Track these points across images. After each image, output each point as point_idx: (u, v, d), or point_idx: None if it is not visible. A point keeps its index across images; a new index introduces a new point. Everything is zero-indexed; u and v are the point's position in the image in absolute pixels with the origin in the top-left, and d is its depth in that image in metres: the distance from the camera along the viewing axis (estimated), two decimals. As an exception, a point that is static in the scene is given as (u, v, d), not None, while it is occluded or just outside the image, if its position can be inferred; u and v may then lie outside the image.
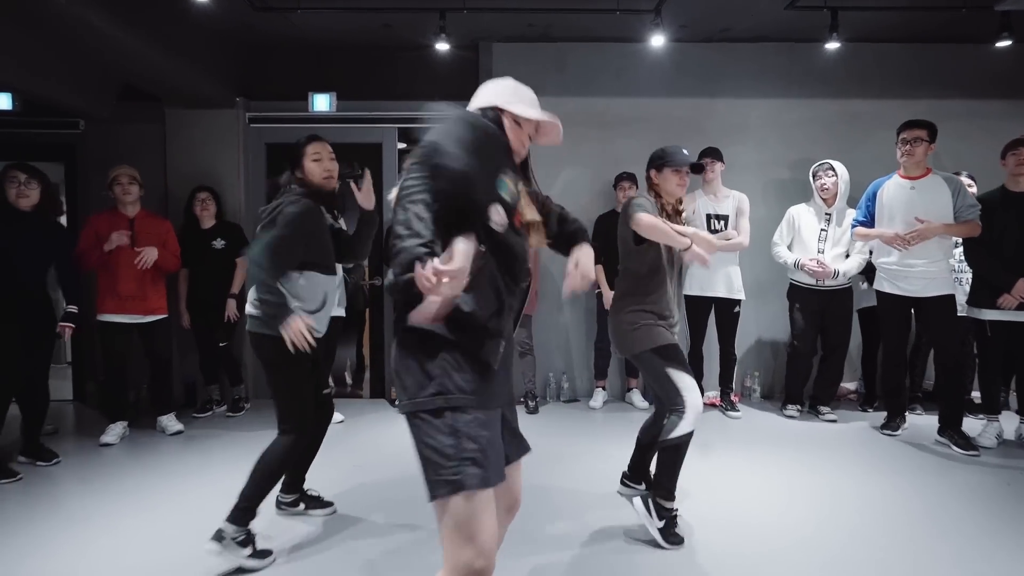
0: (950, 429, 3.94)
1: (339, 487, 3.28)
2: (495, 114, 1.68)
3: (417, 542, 2.70)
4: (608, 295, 4.90)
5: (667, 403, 2.68)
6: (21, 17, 3.60)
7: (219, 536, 2.42)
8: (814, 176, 4.57)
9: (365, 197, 2.85)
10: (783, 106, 5.35)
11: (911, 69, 5.30)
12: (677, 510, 2.71)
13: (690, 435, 2.63)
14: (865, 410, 4.84)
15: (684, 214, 2.94)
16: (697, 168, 2.91)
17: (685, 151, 2.86)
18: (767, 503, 3.11)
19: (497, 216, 1.55)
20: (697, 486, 3.20)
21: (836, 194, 4.51)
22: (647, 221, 2.64)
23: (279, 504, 2.99)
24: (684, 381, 2.65)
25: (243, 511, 2.48)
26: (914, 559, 2.55)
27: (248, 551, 2.46)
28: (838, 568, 2.48)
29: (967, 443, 3.83)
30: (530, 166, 1.81)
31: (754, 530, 2.81)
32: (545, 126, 1.75)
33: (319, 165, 2.72)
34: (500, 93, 1.71)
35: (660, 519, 2.67)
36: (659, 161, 2.85)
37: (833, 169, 4.52)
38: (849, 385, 5.20)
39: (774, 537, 2.74)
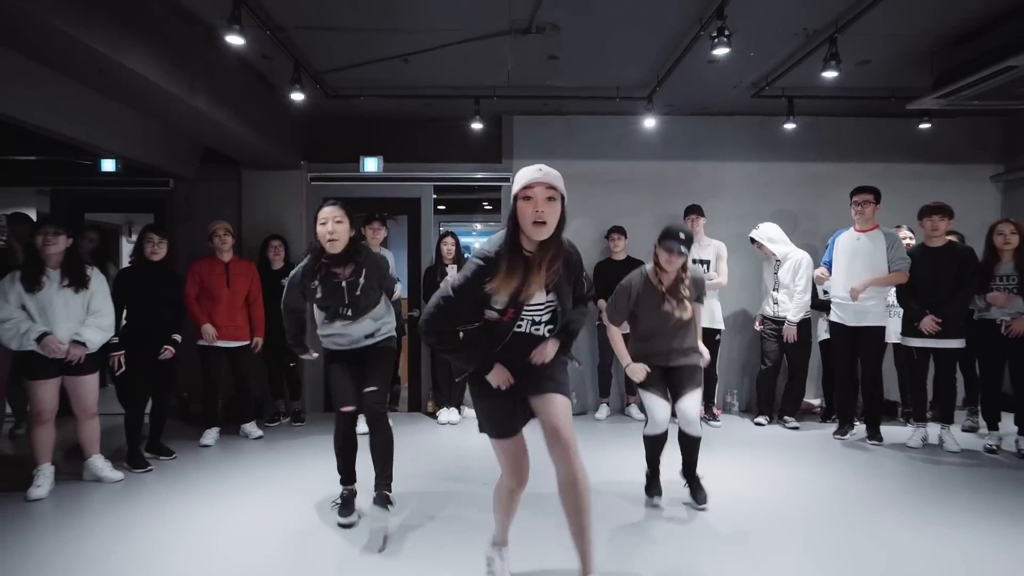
0: (870, 427, 5.06)
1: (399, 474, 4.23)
2: (515, 202, 2.24)
3: (464, 507, 3.65)
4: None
5: None
6: (146, 105, 4.49)
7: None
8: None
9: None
10: (756, 168, 6.41)
11: (862, 139, 6.38)
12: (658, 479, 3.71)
13: (657, 435, 3.58)
14: (824, 422, 5.80)
15: (686, 283, 3.54)
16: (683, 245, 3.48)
17: (682, 234, 3.43)
18: (741, 485, 4.03)
19: (490, 314, 2.33)
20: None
21: (771, 251, 5.57)
22: (607, 324, 3.79)
23: None
24: (650, 400, 3.55)
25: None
26: (851, 519, 3.48)
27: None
28: (799, 527, 3.40)
29: (876, 435, 5.03)
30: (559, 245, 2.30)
31: (732, 504, 3.70)
32: (534, 183, 2.19)
33: (323, 227, 3.24)
34: (513, 187, 2.28)
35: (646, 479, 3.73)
36: (660, 236, 3.50)
37: (755, 241, 5.67)
38: (813, 401, 6.17)
39: (748, 507, 3.65)
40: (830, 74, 4.14)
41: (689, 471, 3.71)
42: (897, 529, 3.34)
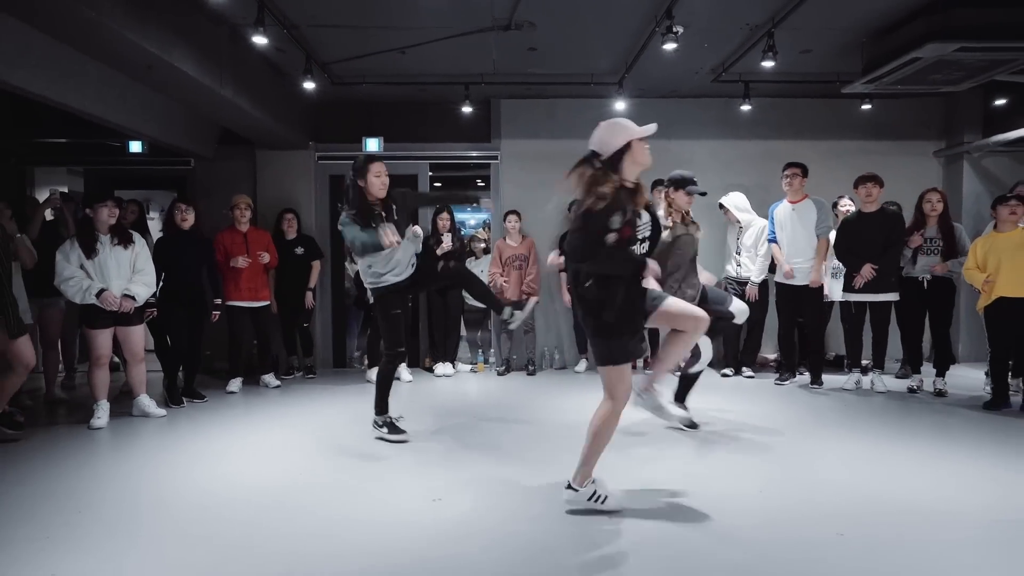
0: (813, 373, 5.76)
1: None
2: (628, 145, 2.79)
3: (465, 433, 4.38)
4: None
5: None
6: (182, 94, 5.18)
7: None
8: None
9: None
10: (720, 146, 7.08)
11: (816, 118, 7.03)
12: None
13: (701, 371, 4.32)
14: (779, 373, 6.53)
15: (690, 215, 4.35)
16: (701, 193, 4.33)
17: (694, 178, 4.32)
18: (706, 416, 4.65)
19: (610, 237, 2.71)
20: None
21: (735, 217, 6.23)
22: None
23: None
24: (704, 342, 4.13)
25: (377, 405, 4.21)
26: (794, 434, 4.22)
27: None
28: (755, 443, 4.12)
29: (818, 380, 5.71)
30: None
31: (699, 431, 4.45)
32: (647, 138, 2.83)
33: (378, 179, 3.93)
34: (626, 131, 2.83)
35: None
36: (676, 183, 4.30)
37: (723, 206, 6.28)
38: (770, 356, 6.90)
39: (710, 433, 4.37)
40: (768, 63, 4.80)
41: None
42: (829, 441, 4.12)
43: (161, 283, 5.11)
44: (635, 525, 2.82)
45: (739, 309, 4.25)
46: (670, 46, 4.36)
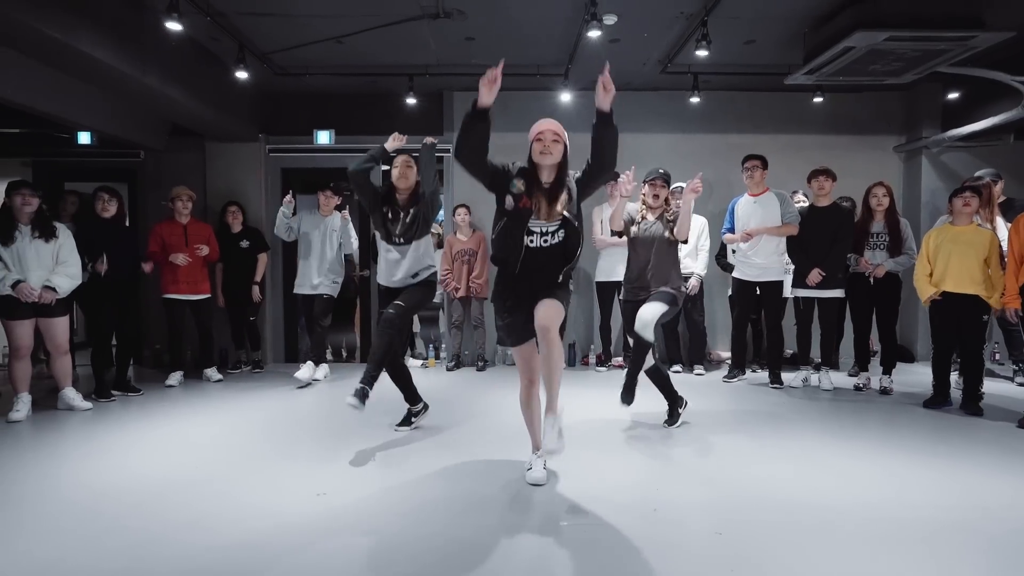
0: (771, 372, 5.58)
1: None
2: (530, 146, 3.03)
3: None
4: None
5: None
6: (103, 82, 4.99)
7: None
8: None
9: None
10: (678, 139, 6.98)
11: (775, 112, 6.93)
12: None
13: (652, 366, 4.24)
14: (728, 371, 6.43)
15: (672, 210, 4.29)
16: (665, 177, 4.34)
17: (660, 170, 4.32)
18: (653, 419, 4.58)
19: (508, 201, 2.97)
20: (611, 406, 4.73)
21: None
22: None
23: None
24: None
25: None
26: (742, 432, 4.13)
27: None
28: (686, 435, 4.08)
29: (778, 380, 5.53)
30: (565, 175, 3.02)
31: (649, 431, 4.39)
32: (540, 132, 3.04)
33: (395, 171, 4.03)
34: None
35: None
36: (644, 178, 4.33)
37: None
38: (724, 353, 6.80)
39: (644, 429, 4.34)
40: (702, 52, 4.70)
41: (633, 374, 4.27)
42: (747, 439, 4.02)
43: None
44: (518, 520, 2.74)
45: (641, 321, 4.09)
46: (594, 33, 4.28)
